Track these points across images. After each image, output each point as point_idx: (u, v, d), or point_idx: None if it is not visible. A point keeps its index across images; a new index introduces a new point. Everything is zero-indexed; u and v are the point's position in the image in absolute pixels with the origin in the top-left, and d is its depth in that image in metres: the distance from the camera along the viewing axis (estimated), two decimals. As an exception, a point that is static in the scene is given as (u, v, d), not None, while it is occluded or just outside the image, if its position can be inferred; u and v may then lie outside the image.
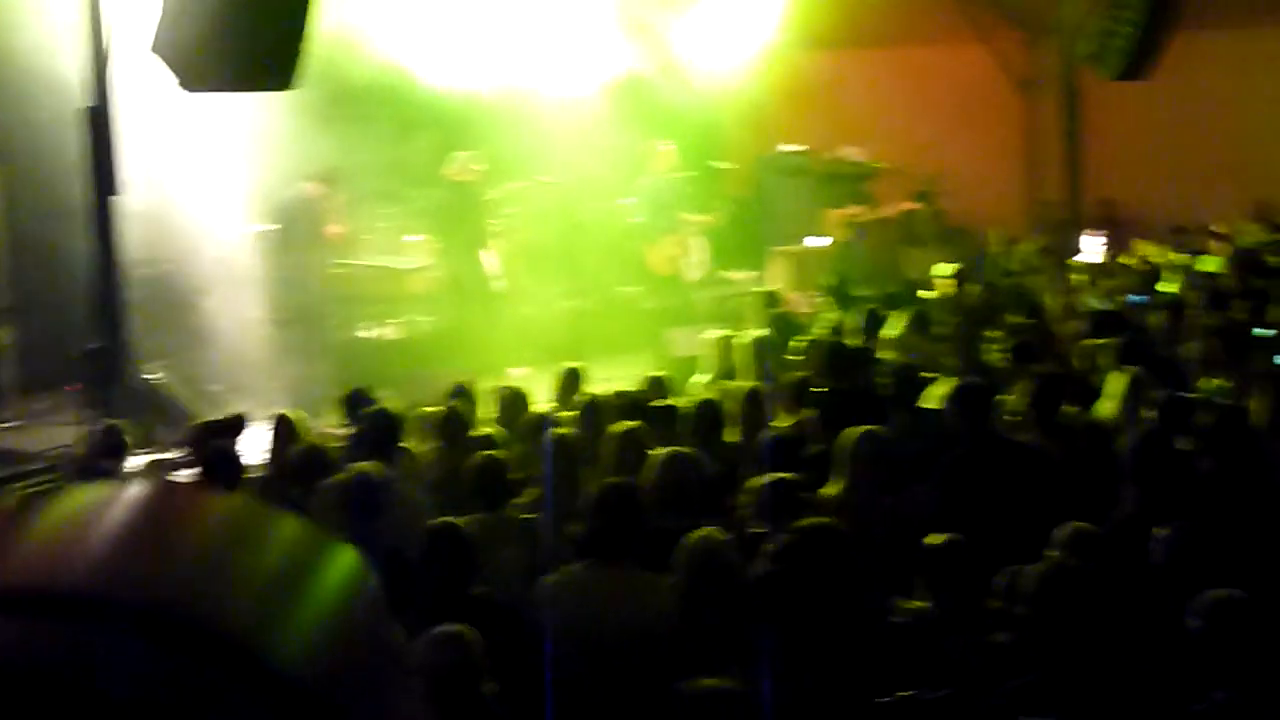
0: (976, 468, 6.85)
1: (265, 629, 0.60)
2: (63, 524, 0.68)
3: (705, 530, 5.53)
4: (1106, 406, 8.18)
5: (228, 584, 0.64)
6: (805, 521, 5.23)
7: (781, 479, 6.38)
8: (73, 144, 11.61)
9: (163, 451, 11.35)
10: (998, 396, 7.66)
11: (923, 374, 8.84)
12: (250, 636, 0.59)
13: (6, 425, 13.07)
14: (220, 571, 0.65)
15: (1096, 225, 18.55)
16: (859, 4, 17.49)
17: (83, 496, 0.71)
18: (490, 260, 15.54)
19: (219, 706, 0.56)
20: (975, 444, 7.05)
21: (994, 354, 10.06)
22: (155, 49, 10.02)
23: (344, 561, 0.70)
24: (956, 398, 7.31)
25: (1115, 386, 8.25)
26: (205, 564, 0.65)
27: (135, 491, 0.72)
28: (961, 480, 6.83)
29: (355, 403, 9.08)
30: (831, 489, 6.72)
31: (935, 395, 8.02)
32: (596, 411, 8.38)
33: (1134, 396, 8.04)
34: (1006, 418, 7.59)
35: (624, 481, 6.27)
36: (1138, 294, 12.64)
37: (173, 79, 10.12)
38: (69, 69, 11.93)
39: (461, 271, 15.14)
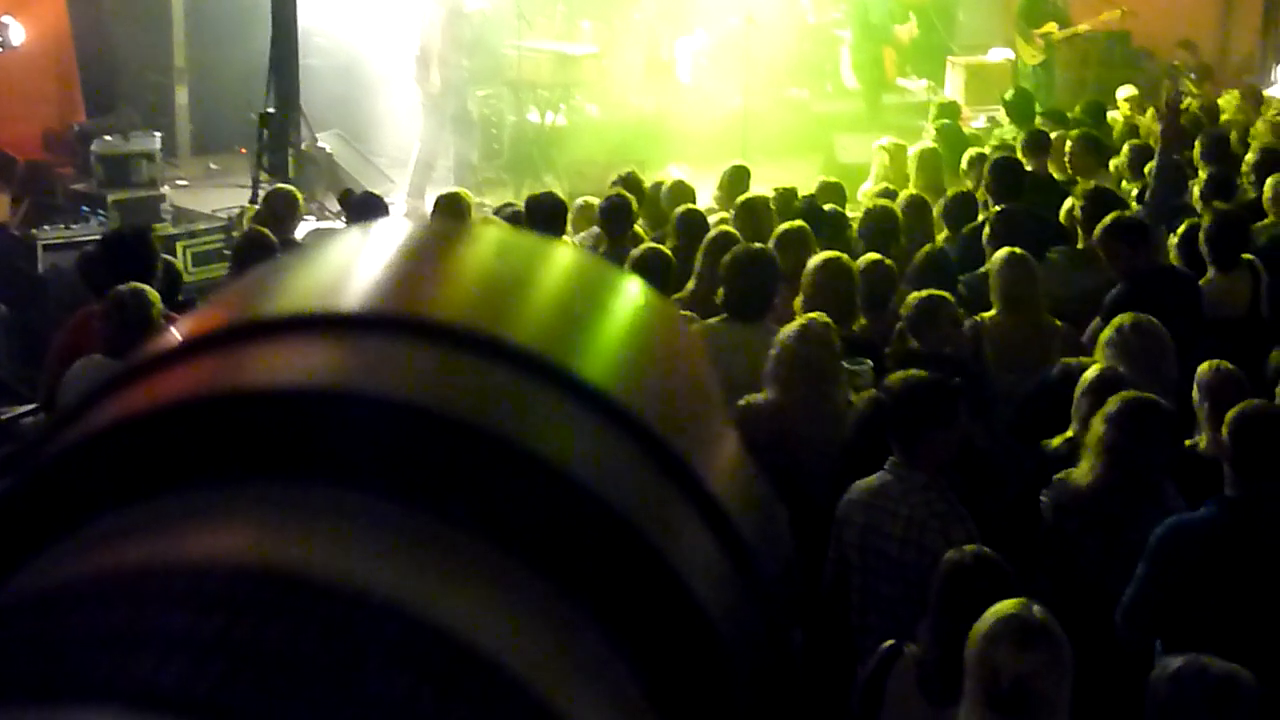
0: (1133, 304, 6.68)
1: (567, 346, 0.59)
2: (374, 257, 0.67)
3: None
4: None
5: (526, 306, 0.62)
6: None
7: (934, 296, 6.28)
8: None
9: (326, 218, 11.55)
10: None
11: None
12: (556, 353, 0.57)
13: (180, 184, 13.35)
14: (515, 294, 0.63)
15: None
16: None
17: (354, 235, 0.70)
18: (680, 53, 15.36)
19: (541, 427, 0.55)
20: (1132, 280, 6.86)
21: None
22: None
23: (638, 291, 0.68)
24: (1113, 230, 7.11)
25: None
26: (498, 289, 0.64)
27: (409, 228, 0.71)
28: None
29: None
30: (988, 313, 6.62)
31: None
32: (760, 210, 8.30)
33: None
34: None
35: (760, 248, 6.52)
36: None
37: None
38: None
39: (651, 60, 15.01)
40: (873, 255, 6.88)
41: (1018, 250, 6.68)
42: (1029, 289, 6.61)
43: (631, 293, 0.68)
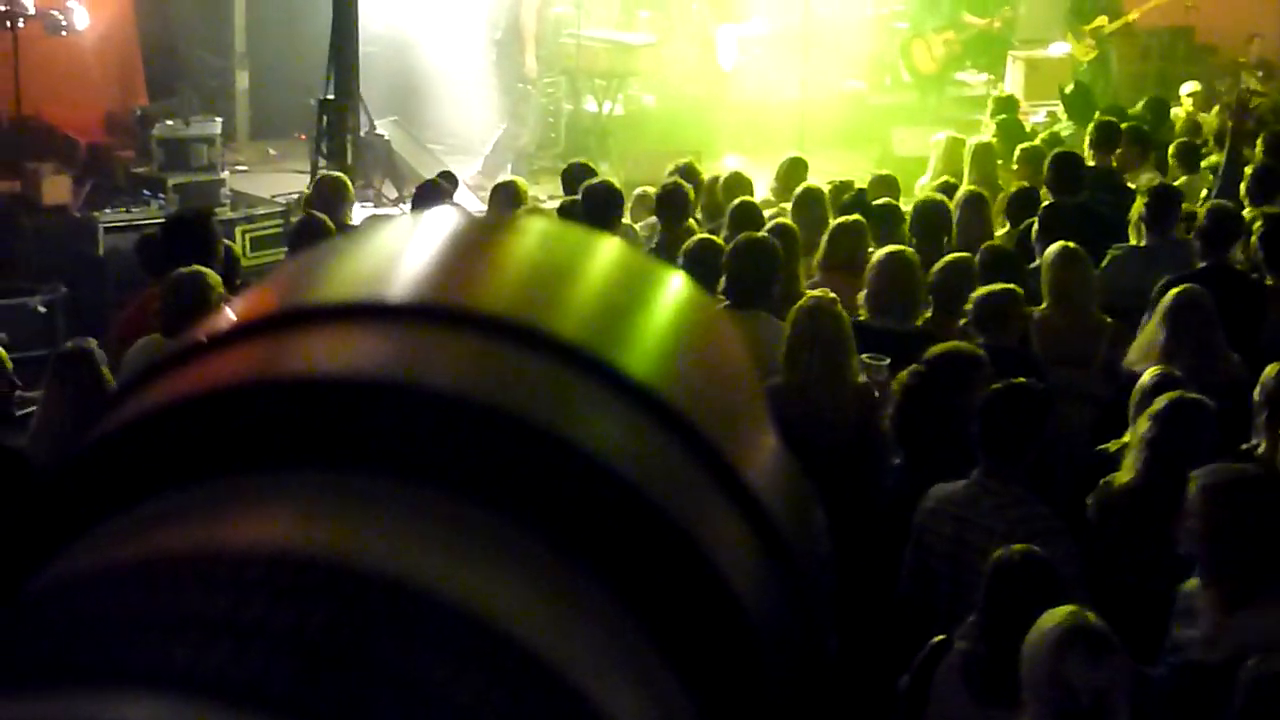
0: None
1: (611, 340, 0.59)
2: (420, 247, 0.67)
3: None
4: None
5: (570, 298, 0.62)
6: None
7: (1004, 291, 6.22)
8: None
9: (384, 205, 11.60)
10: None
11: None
12: (600, 346, 0.57)
13: (239, 168, 13.43)
14: (559, 287, 0.63)
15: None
16: None
17: (404, 223, 0.71)
18: (728, 42, 15.32)
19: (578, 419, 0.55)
20: (1206, 271, 6.78)
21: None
22: None
23: (681, 285, 0.68)
24: (1204, 225, 7.05)
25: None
26: (543, 281, 0.64)
27: (453, 218, 0.71)
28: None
29: (576, 176, 9.08)
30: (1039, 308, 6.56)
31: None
32: (816, 202, 8.26)
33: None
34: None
35: (761, 236, 6.49)
36: None
37: None
38: None
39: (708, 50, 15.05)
40: (962, 254, 6.83)
41: (1070, 244, 6.62)
42: (1080, 283, 6.55)
43: (675, 287, 0.68)
